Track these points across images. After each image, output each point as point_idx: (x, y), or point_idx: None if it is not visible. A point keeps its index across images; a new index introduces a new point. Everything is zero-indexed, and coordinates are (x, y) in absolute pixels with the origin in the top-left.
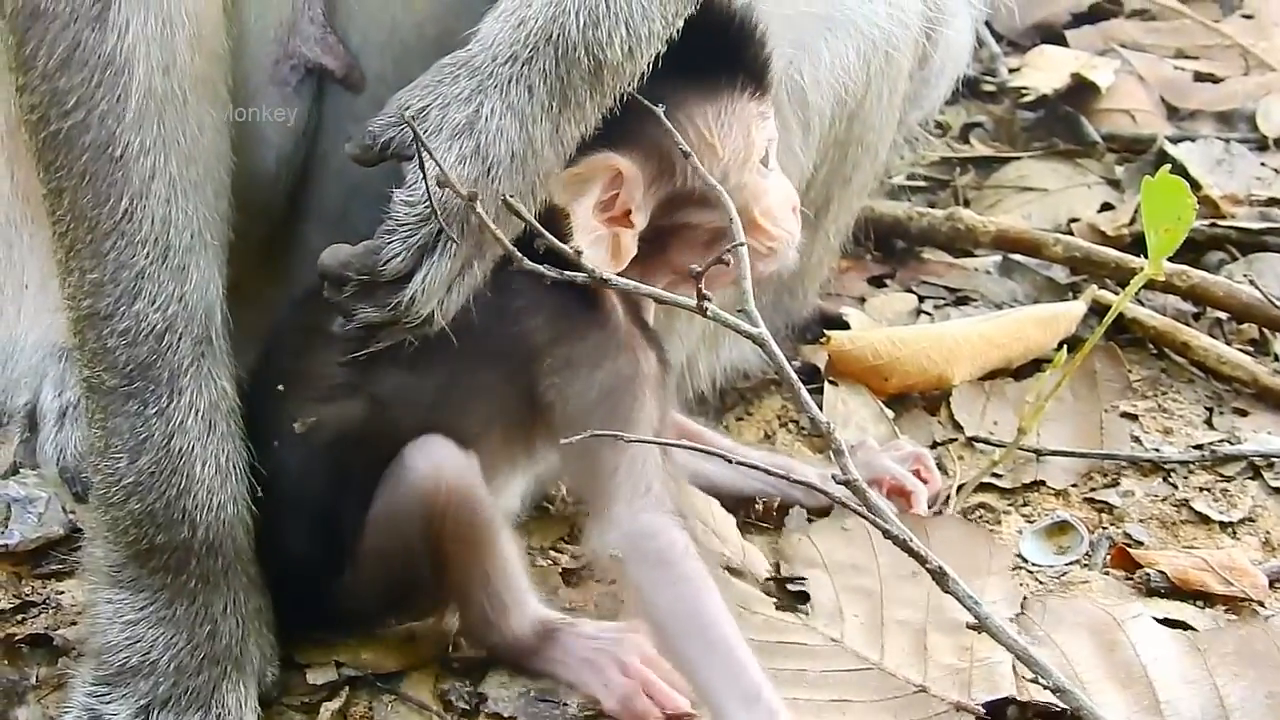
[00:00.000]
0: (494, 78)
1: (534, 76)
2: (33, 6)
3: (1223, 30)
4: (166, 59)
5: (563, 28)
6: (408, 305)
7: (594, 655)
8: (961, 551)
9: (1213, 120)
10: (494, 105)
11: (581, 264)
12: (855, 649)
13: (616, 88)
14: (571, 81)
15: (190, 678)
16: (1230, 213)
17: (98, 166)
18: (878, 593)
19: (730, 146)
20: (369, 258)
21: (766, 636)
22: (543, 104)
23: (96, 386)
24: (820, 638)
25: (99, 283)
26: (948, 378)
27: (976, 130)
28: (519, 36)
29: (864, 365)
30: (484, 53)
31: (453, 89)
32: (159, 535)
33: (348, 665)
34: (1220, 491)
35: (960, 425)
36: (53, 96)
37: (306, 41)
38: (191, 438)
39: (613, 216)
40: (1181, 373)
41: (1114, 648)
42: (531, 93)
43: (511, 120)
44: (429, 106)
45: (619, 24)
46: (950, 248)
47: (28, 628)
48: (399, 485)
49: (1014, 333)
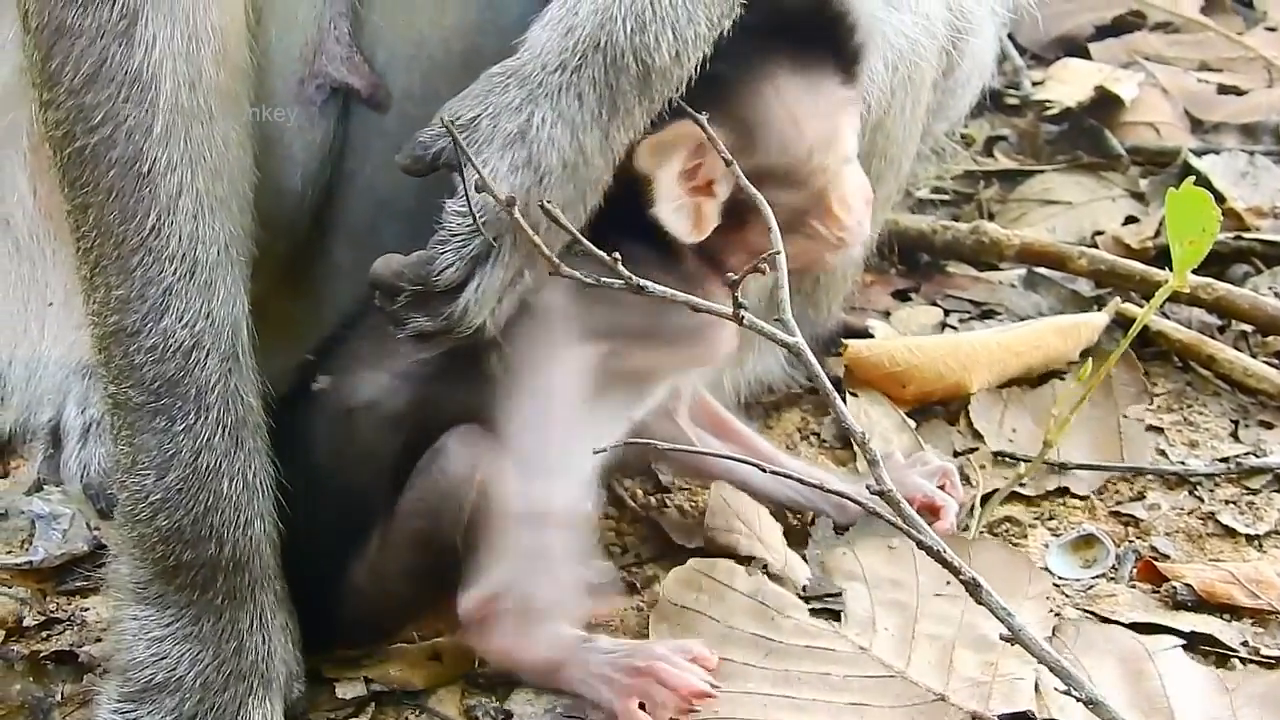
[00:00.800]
0: (544, 86)
1: (583, 84)
2: (58, 22)
3: (1246, 43)
4: (193, 74)
5: (610, 35)
6: (460, 315)
7: (609, 670)
8: (1000, 574)
9: (1237, 133)
10: (545, 114)
11: (620, 270)
12: (882, 658)
13: (664, 92)
14: (620, 88)
15: (216, 694)
16: (1255, 225)
17: (125, 182)
18: (912, 607)
19: (816, 127)
20: (422, 268)
21: (796, 640)
22: (593, 111)
23: (123, 403)
24: (849, 645)
25: (125, 299)
26: (965, 385)
27: (1000, 143)
28: (568, 44)
29: (881, 372)
30: (533, 61)
31: (503, 98)
32: (186, 552)
33: (375, 681)
34: (1246, 504)
35: (980, 434)
36: (79, 112)
37: (333, 61)
38: (219, 454)
39: (696, 186)
40: (1207, 386)
41: (1141, 677)
42: (581, 100)
43: (563, 129)
44: (479, 116)
45: (665, 28)
46: (975, 261)
47: (53, 644)
48: (434, 473)
49: (1034, 341)
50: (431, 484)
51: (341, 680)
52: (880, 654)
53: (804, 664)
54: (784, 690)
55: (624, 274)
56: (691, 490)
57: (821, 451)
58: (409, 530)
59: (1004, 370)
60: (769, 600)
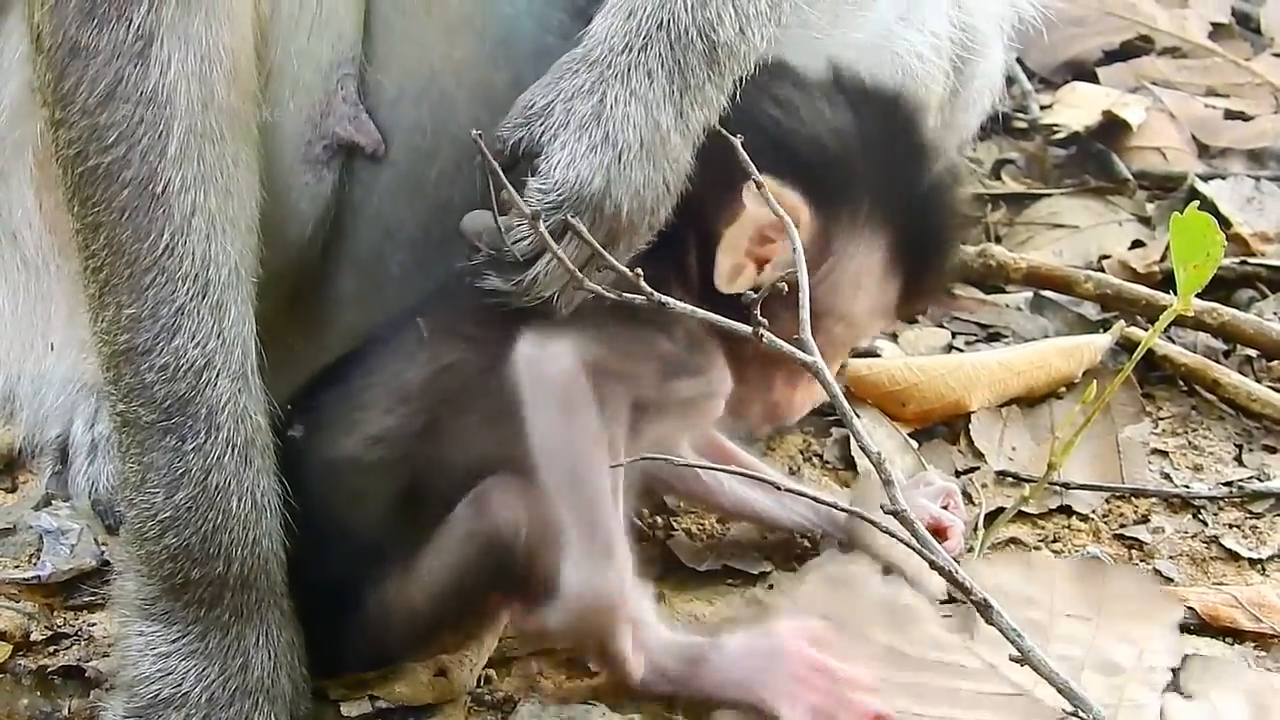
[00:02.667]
0: (614, 67)
1: (651, 62)
2: (72, 43)
3: (1253, 69)
4: (206, 95)
5: (672, 13)
6: (530, 284)
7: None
8: (1131, 599)
9: (1243, 158)
10: (617, 93)
11: (641, 286)
12: (1010, 675)
13: (734, 68)
14: (689, 64)
15: (222, 710)
16: (1260, 250)
17: (139, 202)
18: (1046, 627)
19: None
20: (499, 236)
21: (926, 653)
22: (664, 88)
23: (132, 421)
24: (979, 661)
25: (137, 318)
26: (965, 404)
27: (1008, 167)
28: (631, 26)
29: (881, 391)
30: (600, 45)
31: (574, 82)
32: (194, 569)
33: (381, 698)
34: (1250, 528)
35: (981, 453)
36: (93, 132)
37: (340, 121)
38: (228, 473)
39: (755, 253)
40: (1211, 410)
41: (1269, 713)
42: (651, 78)
43: (636, 105)
44: (552, 103)
45: (727, 5)
46: (982, 284)
47: (60, 659)
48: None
49: (1036, 361)
50: (474, 531)
51: (347, 700)
52: (1009, 672)
53: (933, 677)
54: (912, 701)
55: (646, 290)
56: (698, 514)
57: (825, 473)
58: (444, 571)
59: (1005, 390)
60: (903, 613)
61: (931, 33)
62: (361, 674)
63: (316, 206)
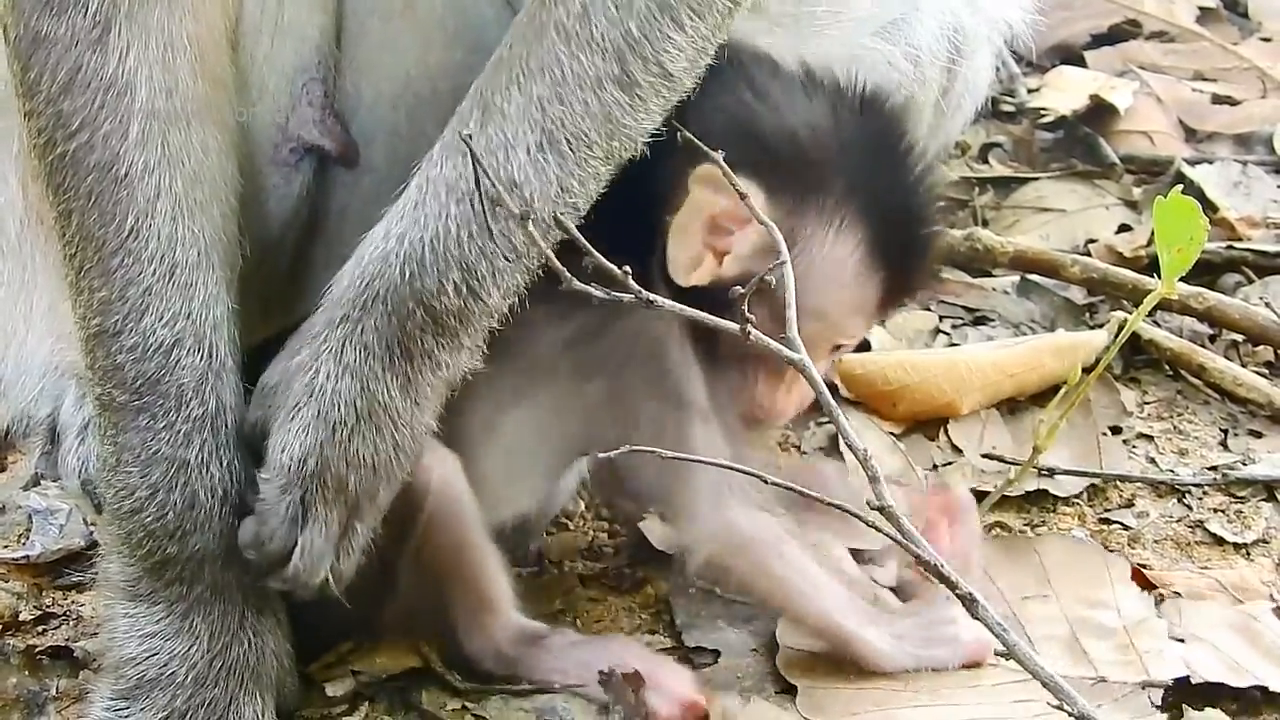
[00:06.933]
0: (327, 342)
1: (367, 335)
2: (35, 32)
3: (1241, 53)
4: (169, 82)
5: (390, 282)
6: (294, 579)
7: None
8: (1074, 566)
9: (1230, 143)
10: (329, 369)
11: (629, 284)
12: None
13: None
14: (409, 334)
15: (208, 689)
16: (1247, 235)
17: (103, 186)
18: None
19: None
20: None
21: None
22: (382, 361)
23: (107, 403)
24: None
25: (107, 300)
26: (957, 406)
27: (995, 150)
28: (350, 297)
29: (873, 390)
30: (322, 316)
31: (297, 360)
32: (171, 546)
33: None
34: (1234, 513)
35: (960, 450)
36: (58, 119)
37: (305, 125)
38: (200, 449)
39: (712, 245)
40: (1197, 394)
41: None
42: (368, 349)
43: (351, 381)
44: (279, 382)
45: (450, 269)
46: (969, 268)
47: (48, 639)
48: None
49: (1030, 362)
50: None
51: (331, 680)
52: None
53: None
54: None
55: (634, 288)
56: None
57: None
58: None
59: (997, 392)
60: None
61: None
62: (342, 650)
63: (284, 208)
